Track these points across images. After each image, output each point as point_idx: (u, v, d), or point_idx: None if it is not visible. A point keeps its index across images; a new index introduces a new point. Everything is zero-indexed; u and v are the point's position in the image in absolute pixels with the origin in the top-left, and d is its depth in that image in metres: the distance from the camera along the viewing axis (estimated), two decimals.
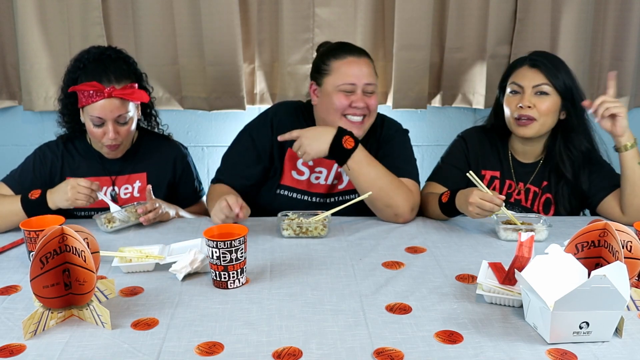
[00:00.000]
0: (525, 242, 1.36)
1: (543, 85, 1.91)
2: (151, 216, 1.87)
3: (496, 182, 2.06)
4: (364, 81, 1.93)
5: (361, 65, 1.94)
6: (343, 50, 1.98)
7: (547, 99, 1.91)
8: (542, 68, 1.91)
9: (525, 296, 1.27)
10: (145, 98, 1.93)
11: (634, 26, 2.55)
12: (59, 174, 2.02)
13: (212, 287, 1.46)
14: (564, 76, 1.92)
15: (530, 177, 2.05)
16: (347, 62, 1.94)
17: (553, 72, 1.91)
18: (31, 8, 2.47)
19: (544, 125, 1.94)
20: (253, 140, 2.04)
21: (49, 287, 1.27)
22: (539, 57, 1.95)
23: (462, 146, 2.10)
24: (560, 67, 1.94)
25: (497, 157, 2.07)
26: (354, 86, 1.92)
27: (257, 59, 2.61)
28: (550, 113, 1.92)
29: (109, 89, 1.86)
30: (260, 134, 2.05)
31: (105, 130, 1.90)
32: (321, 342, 1.21)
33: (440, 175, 2.08)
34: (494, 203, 1.71)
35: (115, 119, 1.90)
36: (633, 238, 1.32)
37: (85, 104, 1.88)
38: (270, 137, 2.03)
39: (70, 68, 1.96)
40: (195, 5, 2.49)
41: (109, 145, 1.94)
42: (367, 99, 1.94)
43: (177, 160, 2.12)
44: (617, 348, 1.19)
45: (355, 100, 1.93)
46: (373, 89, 1.96)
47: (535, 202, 2.04)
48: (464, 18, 2.54)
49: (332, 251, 1.70)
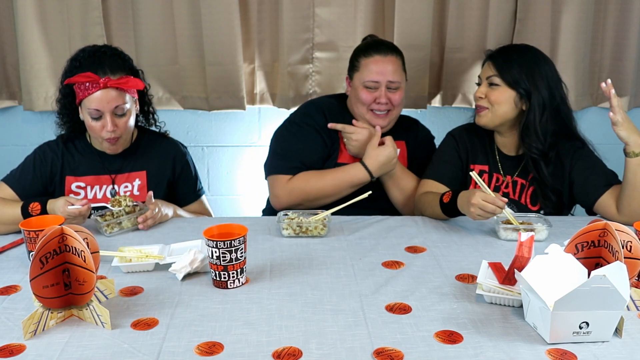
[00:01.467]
0: (525, 242, 1.36)
1: (492, 77, 1.99)
2: (150, 222, 1.88)
3: (485, 176, 2.08)
4: (388, 79, 2.08)
5: (386, 64, 2.08)
6: (372, 48, 2.12)
7: (496, 89, 1.99)
8: (494, 61, 2.00)
9: (525, 296, 1.27)
10: (140, 85, 1.96)
11: (634, 26, 2.54)
12: (59, 173, 2.02)
13: (212, 287, 1.46)
14: (516, 70, 1.97)
15: (516, 170, 2.07)
16: (373, 61, 2.09)
17: (503, 66, 1.98)
18: (31, 8, 2.47)
19: (496, 114, 2.00)
20: (308, 125, 2.15)
21: (48, 287, 1.27)
22: (498, 52, 2.04)
23: (453, 143, 2.14)
24: (513, 61, 1.98)
25: (485, 152, 2.12)
26: (378, 83, 2.08)
27: (257, 59, 2.61)
28: (500, 103, 1.98)
29: (104, 79, 1.88)
30: (314, 118, 2.17)
31: (104, 123, 1.91)
32: (321, 342, 1.21)
33: (434, 172, 2.11)
34: (496, 205, 1.71)
35: (113, 110, 1.91)
36: (633, 238, 1.32)
37: (82, 97, 1.89)
38: (324, 120, 2.16)
39: (67, 68, 1.98)
40: (195, 5, 2.49)
41: (108, 138, 1.94)
42: (390, 95, 2.10)
43: (176, 158, 2.13)
44: (617, 348, 1.19)
45: (378, 97, 2.09)
46: (397, 86, 2.10)
47: (523, 194, 2.06)
48: (464, 18, 2.54)
49: (332, 251, 1.70)
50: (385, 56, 2.09)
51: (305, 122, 2.15)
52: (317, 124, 2.15)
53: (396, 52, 2.12)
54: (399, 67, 2.11)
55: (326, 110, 2.18)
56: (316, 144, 2.13)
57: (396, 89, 2.09)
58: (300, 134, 2.14)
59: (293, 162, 2.10)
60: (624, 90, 2.61)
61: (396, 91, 2.10)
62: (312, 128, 2.14)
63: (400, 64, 2.12)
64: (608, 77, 2.64)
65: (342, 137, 2.16)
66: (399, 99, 2.11)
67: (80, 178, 2.03)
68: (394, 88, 2.09)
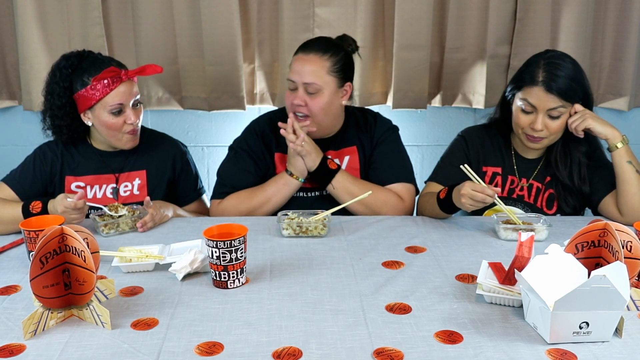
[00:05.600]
0: (525, 242, 1.36)
1: (557, 109, 1.88)
2: (150, 225, 1.88)
3: (498, 178, 2.06)
4: (303, 80, 1.92)
5: (304, 63, 1.93)
6: (303, 45, 2.00)
7: (559, 120, 1.90)
8: (557, 92, 1.86)
9: (525, 296, 1.27)
10: (159, 69, 1.98)
11: (634, 26, 2.54)
12: (58, 173, 2.02)
13: (212, 287, 1.46)
14: (578, 91, 1.89)
15: (533, 173, 2.05)
16: (295, 59, 1.97)
17: (568, 95, 1.87)
18: (31, 8, 2.47)
19: (554, 140, 1.97)
20: (243, 150, 2.09)
21: (48, 287, 1.27)
22: (554, 81, 1.86)
23: (462, 144, 2.09)
24: (573, 85, 1.88)
25: (499, 154, 2.07)
26: (295, 83, 1.94)
27: (257, 59, 2.61)
28: (561, 130, 1.93)
29: (124, 71, 1.91)
30: (248, 142, 2.10)
31: (125, 117, 1.94)
32: (321, 342, 1.21)
33: (440, 175, 2.07)
34: (485, 194, 1.72)
35: (134, 101, 1.95)
36: (633, 238, 1.32)
37: (102, 95, 1.90)
38: (260, 144, 2.09)
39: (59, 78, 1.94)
40: (195, 6, 2.49)
41: (131, 130, 1.97)
42: (307, 98, 1.94)
43: (176, 157, 2.13)
44: (617, 348, 1.19)
45: (293, 99, 1.95)
46: (316, 89, 1.92)
47: (539, 197, 2.03)
48: (464, 18, 2.54)
49: (332, 251, 1.70)
50: (307, 54, 1.93)
51: (240, 147, 2.10)
52: (251, 149, 2.08)
53: (326, 52, 1.94)
54: (322, 68, 1.92)
55: (259, 133, 2.10)
56: (248, 168, 2.06)
57: (315, 92, 1.92)
58: (235, 159, 2.10)
59: (224, 187, 2.07)
60: (624, 90, 2.61)
61: (315, 95, 1.92)
62: (246, 153, 2.08)
63: (328, 65, 1.93)
64: (608, 77, 2.65)
65: (277, 160, 2.09)
66: (316, 105, 1.92)
67: (79, 178, 2.03)
68: (310, 91, 1.92)
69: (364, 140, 2.10)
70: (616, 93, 2.64)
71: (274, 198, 1.99)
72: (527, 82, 1.89)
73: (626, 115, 2.71)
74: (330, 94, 1.94)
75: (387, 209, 1.99)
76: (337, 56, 1.96)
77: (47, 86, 1.98)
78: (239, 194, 2.03)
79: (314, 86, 1.92)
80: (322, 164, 1.96)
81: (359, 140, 2.10)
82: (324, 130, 2.02)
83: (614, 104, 2.64)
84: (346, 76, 1.99)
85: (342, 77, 1.97)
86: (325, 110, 1.96)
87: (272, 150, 2.10)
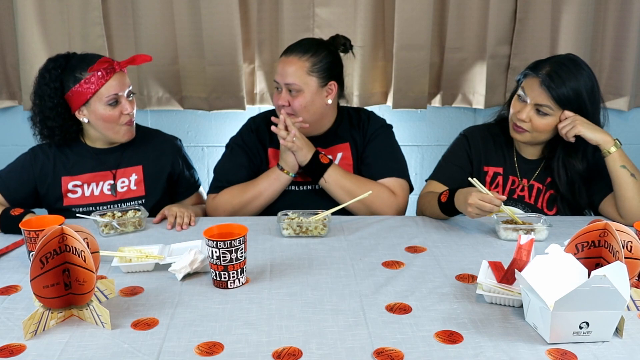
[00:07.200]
0: (524, 245, 1.36)
1: (545, 107, 1.88)
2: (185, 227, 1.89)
3: (499, 179, 2.05)
4: (285, 80, 1.99)
5: (286, 65, 2.00)
6: (287, 48, 2.05)
7: (544, 118, 1.90)
8: (549, 90, 1.86)
9: (525, 296, 1.27)
10: (148, 58, 2.00)
11: (634, 26, 2.54)
12: (51, 174, 2.02)
13: (212, 287, 1.46)
14: (574, 102, 1.87)
15: (534, 174, 2.04)
16: (279, 61, 2.04)
17: (560, 100, 1.86)
18: (31, 8, 2.47)
19: (536, 138, 1.95)
20: (238, 145, 2.14)
21: (49, 287, 1.27)
22: (552, 79, 1.86)
23: (464, 144, 2.09)
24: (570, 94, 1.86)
25: (501, 154, 2.07)
26: (279, 84, 2.01)
27: (257, 59, 2.61)
28: (544, 131, 1.92)
29: (117, 62, 1.93)
30: (244, 138, 2.15)
31: (122, 108, 1.96)
32: (321, 342, 1.21)
33: (441, 174, 2.07)
34: (493, 204, 1.71)
35: (127, 92, 1.97)
36: (633, 238, 1.32)
37: (98, 87, 1.91)
38: (255, 139, 2.13)
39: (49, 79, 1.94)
40: (195, 5, 2.49)
41: (128, 121, 1.99)
42: (290, 98, 2.00)
43: (175, 152, 2.14)
44: (617, 348, 1.19)
45: (278, 99, 2.02)
46: (297, 88, 1.98)
47: (540, 198, 2.03)
48: (464, 18, 2.54)
49: (332, 251, 1.70)
50: (288, 57, 2.00)
51: (236, 143, 2.15)
52: (246, 144, 2.13)
53: (306, 53, 1.99)
54: (301, 68, 1.97)
55: (254, 129, 2.15)
56: (243, 163, 2.11)
57: (297, 92, 1.98)
58: (231, 155, 2.14)
59: (219, 181, 2.10)
60: (624, 90, 2.61)
61: (297, 95, 1.98)
62: (241, 148, 2.12)
63: (307, 65, 1.98)
64: (608, 77, 2.65)
65: (270, 155, 2.13)
66: (298, 104, 1.98)
67: (76, 177, 2.03)
68: (293, 91, 1.98)
69: (356, 137, 2.12)
70: (616, 93, 2.64)
71: (266, 192, 2.02)
72: (532, 70, 1.91)
73: (626, 115, 2.71)
74: (311, 93, 1.99)
75: (379, 203, 1.99)
76: (318, 56, 2.00)
77: (37, 90, 1.98)
78: (232, 188, 2.06)
79: (294, 86, 1.98)
80: (314, 159, 1.98)
81: (352, 137, 2.12)
82: (311, 128, 2.05)
83: (614, 104, 2.64)
84: (329, 75, 2.02)
85: (324, 77, 2.01)
86: (307, 108, 2.00)
87: (266, 146, 2.13)
